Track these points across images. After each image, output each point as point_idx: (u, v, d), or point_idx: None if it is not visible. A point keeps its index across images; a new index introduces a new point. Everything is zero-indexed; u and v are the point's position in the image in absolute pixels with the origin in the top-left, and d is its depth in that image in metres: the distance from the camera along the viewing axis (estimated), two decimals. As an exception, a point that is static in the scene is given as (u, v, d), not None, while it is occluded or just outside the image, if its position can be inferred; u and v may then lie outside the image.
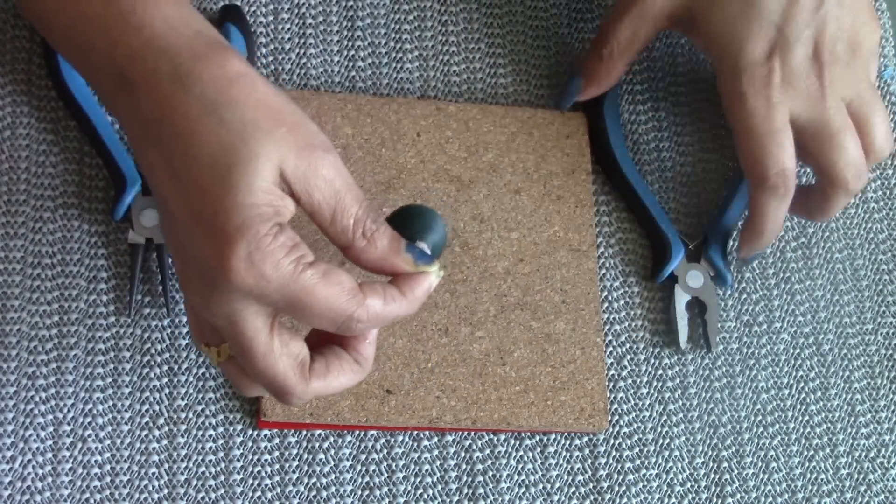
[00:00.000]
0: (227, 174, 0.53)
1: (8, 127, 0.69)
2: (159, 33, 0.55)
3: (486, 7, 0.78)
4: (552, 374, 0.71)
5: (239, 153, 0.53)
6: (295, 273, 0.54)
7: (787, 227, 0.79)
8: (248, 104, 0.54)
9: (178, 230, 0.55)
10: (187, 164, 0.54)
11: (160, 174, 0.55)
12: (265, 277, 0.53)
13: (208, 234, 0.53)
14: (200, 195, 0.54)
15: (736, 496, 0.73)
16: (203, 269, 0.54)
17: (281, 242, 0.53)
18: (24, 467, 0.65)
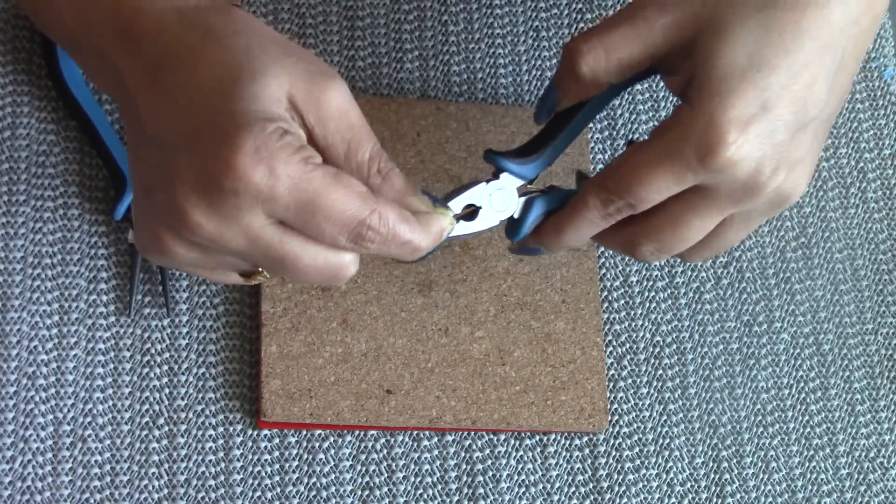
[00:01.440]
0: (232, 85, 0.50)
1: (8, 127, 0.69)
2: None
3: (486, 7, 0.78)
4: (552, 374, 0.71)
5: (245, 69, 0.51)
6: (305, 171, 0.50)
7: (787, 227, 0.79)
8: (256, 33, 0.52)
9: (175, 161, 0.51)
10: (192, 90, 0.51)
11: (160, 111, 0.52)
12: (274, 174, 0.50)
13: (211, 140, 0.50)
14: (203, 111, 0.51)
15: (736, 496, 0.73)
16: (206, 182, 0.50)
17: (287, 141, 0.50)
18: (24, 467, 0.65)
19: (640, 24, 0.57)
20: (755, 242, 0.78)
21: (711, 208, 0.57)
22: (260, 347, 0.68)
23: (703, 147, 0.54)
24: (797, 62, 0.55)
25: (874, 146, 0.82)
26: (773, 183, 0.56)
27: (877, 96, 0.83)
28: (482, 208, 0.59)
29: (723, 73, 0.54)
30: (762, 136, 0.54)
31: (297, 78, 0.51)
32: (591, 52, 0.57)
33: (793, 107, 0.55)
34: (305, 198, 0.50)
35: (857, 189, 0.81)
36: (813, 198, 0.80)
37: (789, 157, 0.56)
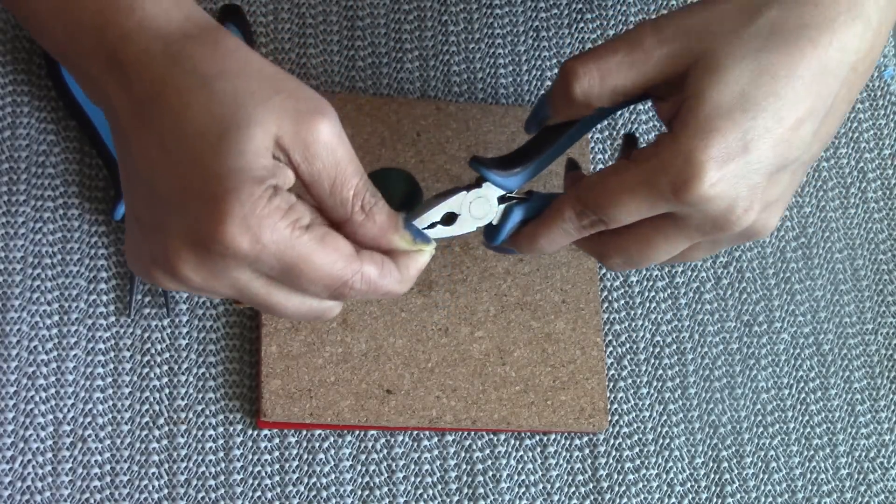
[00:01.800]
0: (219, 140, 0.51)
1: (8, 127, 0.69)
2: (150, 15, 0.54)
3: (486, 7, 0.78)
4: (552, 373, 0.71)
5: (231, 120, 0.51)
6: (292, 237, 0.52)
7: (787, 227, 0.79)
8: (242, 75, 0.53)
9: (165, 209, 0.53)
10: (179, 136, 0.52)
11: (150, 154, 0.53)
12: (261, 241, 0.51)
13: (200, 201, 0.51)
14: (191, 165, 0.52)
15: (736, 496, 0.73)
16: (195, 239, 0.52)
17: (276, 205, 0.51)
18: (24, 467, 0.65)
19: (638, 52, 0.57)
20: (755, 242, 0.78)
21: (679, 236, 0.58)
22: (260, 347, 0.68)
23: (679, 181, 0.54)
24: (785, 105, 0.55)
25: (874, 146, 0.82)
26: (744, 221, 0.56)
27: (877, 96, 0.83)
28: (460, 215, 0.60)
29: (709, 111, 0.54)
30: (739, 176, 0.55)
31: (285, 119, 0.52)
32: (587, 75, 0.58)
33: (775, 149, 0.55)
34: (290, 262, 0.52)
35: (857, 189, 0.81)
36: (813, 198, 0.80)
37: (764, 198, 0.56)
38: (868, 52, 0.57)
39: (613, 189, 0.57)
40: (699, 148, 0.54)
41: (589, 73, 0.58)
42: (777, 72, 0.55)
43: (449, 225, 0.60)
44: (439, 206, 0.59)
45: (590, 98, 0.58)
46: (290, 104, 0.53)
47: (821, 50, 0.55)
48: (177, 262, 0.53)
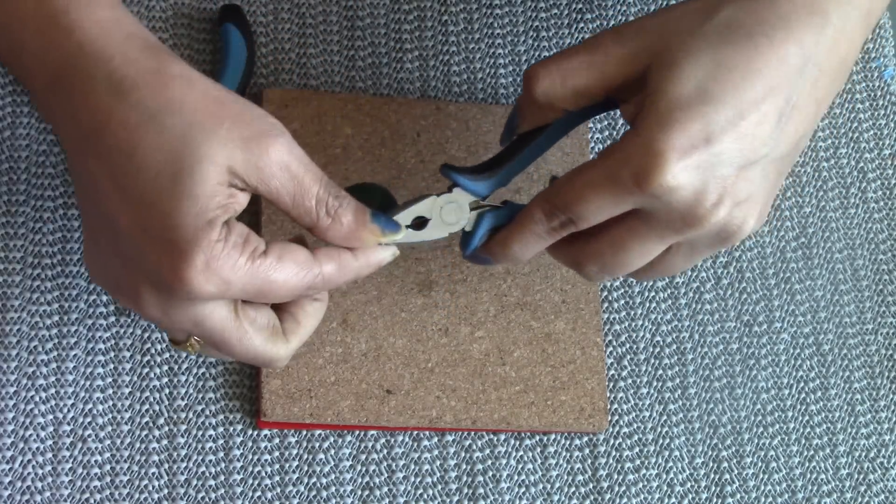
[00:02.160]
0: (172, 184, 0.52)
1: (8, 127, 0.69)
2: (92, 36, 0.54)
3: (486, 7, 0.78)
4: (552, 374, 0.71)
5: (181, 160, 0.52)
6: (253, 268, 0.54)
7: (787, 226, 0.79)
8: (187, 106, 0.53)
9: (125, 245, 0.54)
10: (131, 175, 0.53)
11: (103, 185, 0.54)
12: (226, 281, 0.53)
13: (161, 247, 0.53)
14: (148, 208, 0.53)
15: (736, 496, 0.73)
16: (158, 283, 0.54)
17: (233, 243, 0.53)
18: (24, 467, 0.65)
19: (598, 53, 0.58)
20: (755, 242, 0.78)
21: (650, 235, 0.58)
22: (260, 347, 0.68)
23: (640, 171, 0.54)
24: (745, 99, 0.55)
25: (874, 146, 0.82)
26: (714, 216, 0.56)
27: (877, 96, 0.83)
28: (431, 220, 0.60)
29: (669, 104, 0.55)
30: (703, 167, 0.54)
31: (233, 148, 0.53)
32: (548, 77, 0.58)
33: (738, 143, 0.55)
34: (256, 288, 0.55)
35: (857, 189, 0.81)
36: (813, 198, 0.80)
37: (734, 193, 0.56)
38: (831, 49, 0.57)
39: (579, 186, 0.57)
40: (659, 138, 0.54)
41: (549, 74, 0.59)
42: (734, 66, 0.55)
43: (420, 230, 0.60)
44: (408, 210, 0.60)
45: (551, 98, 0.59)
46: (236, 132, 0.53)
47: (777, 45, 0.55)
48: (139, 299, 0.55)
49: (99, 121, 0.53)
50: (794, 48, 0.55)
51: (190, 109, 0.53)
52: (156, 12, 0.73)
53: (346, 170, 0.71)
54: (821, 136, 0.81)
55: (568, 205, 0.57)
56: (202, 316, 0.55)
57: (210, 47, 0.73)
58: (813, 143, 0.81)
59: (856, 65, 0.83)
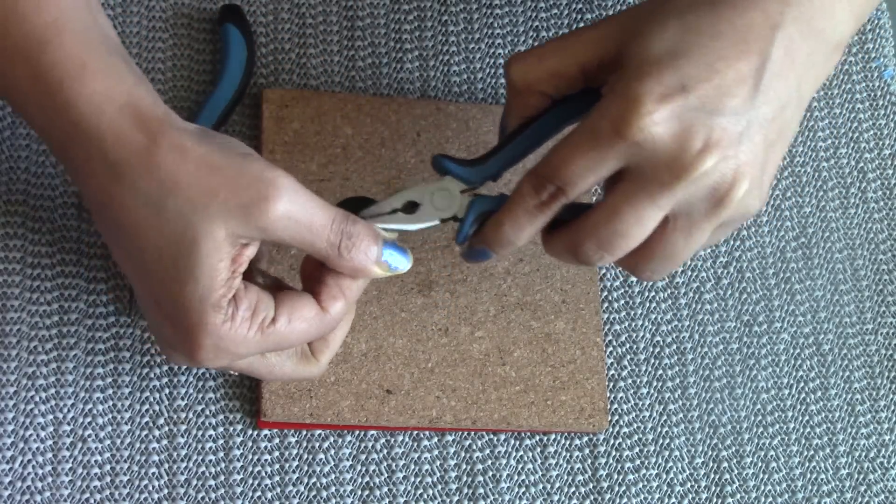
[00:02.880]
0: (174, 267, 0.54)
1: (8, 127, 0.69)
2: (85, 114, 0.55)
3: (486, 7, 0.78)
4: (552, 374, 0.71)
5: (181, 242, 0.54)
6: (263, 337, 0.57)
7: (787, 226, 0.79)
8: (181, 183, 0.54)
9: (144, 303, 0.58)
10: (136, 254, 0.55)
11: (116, 251, 0.57)
12: (237, 355, 0.57)
13: (172, 325, 0.56)
14: (157, 286, 0.56)
15: (736, 496, 0.73)
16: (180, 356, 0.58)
17: (241, 318, 0.56)
18: (24, 467, 0.65)
19: (571, 38, 0.60)
20: (755, 242, 0.78)
21: (640, 194, 0.56)
22: (260, 347, 0.68)
23: (618, 119, 0.54)
24: (717, 58, 0.55)
25: (874, 146, 0.82)
26: (701, 163, 0.55)
27: (877, 96, 0.83)
28: (422, 205, 0.61)
29: (642, 61, 0.55)
30: (682, 112, 0.54)
31: (231, 219, 0.54)
32: (523, 60, 0.60)
33: (714, 91, 0.55)
34: (270, 349, 0.59)
35: (857, 189, 0.81)
36: (813, 198, 0.80)
37: (721, 143, 0.55)
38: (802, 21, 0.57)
39: (563, 151, 0.57)
40: (634, 86, 0.54)
41: (524, 58, 0.60)
42: (701, 29, 0.56)
43: (410, 213, 0.61)
44: (400, 194, 0.61)
45: (528, 81, 0.60)
46: (233, 201, 0.54)
47: (740, 11, 0.56)
48: (167, 354, 0.60)
49: (102, 200, 0.55)
50: (757, 14, 0.56)
51: (184, 186, 0.54)
52: (156, 12, 0.73)
53: (346, 170, 0.71)
54: (821, 136, 0.81)
55: (554, 171, 0.57)
56: (227, 364, 0.59)
57: (210, 47, 0.73)
58: (813, 143, 0.81)
59: (856, 65, 0.83)
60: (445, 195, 0.61)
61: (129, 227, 0.55)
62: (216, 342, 0.56)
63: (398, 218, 0.60)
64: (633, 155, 0.55)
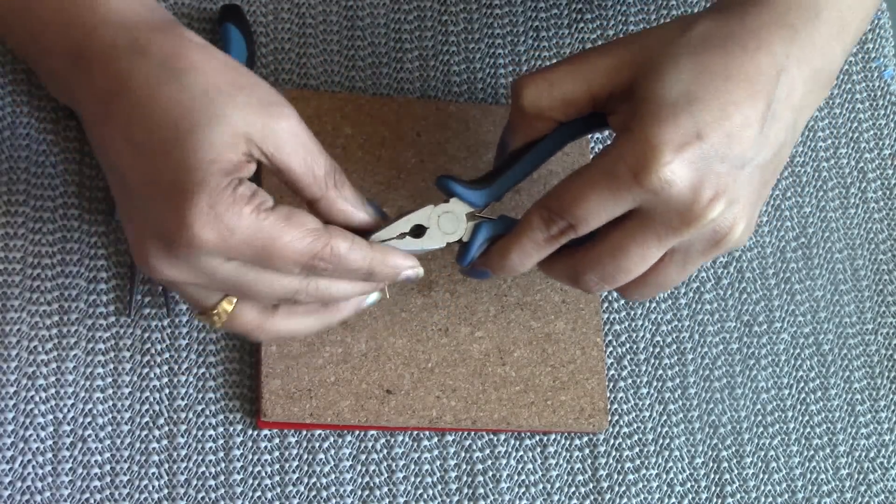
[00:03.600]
0: (189, 133, 0.53)
1: (8, 127, 0.69)
2: (115, 8, 0.56)
3: (486, 7, 0.78)
4: (552, 374, 0.71)
5: (201, 114, 0.54)
6: (258, 220, 0.54)
7: (787, 226, 0.79)
8: (208, 70, 0.55)
9: (135, 202, 0.55)
10: (148, 129, 0.54)
11: (118, 146, 0.55)
12: (228, 228, 0.53)
13: (168, 194, 0.54)
14: (162, 157, 0.54)
15: (736, 496, 0.73)
16: (162, 233, 0.54)
17: (241, 193, 0.54)
18: (24, 467, 0.65)
19: (583, 64, 0.60)
20: (755, 242, 0.78)
21: (649, 236, 0.58)
22: (260, 347, 0.68)
23: (638, 165, 0.56)
24: (728, 101, 0.57)
25: (874, 146, 0.82)
26: (710, 212, 0.57)
27: (877, 96, 0.83)
28: (429, 228, 0.61)
29: (659, 103, 0.56)
30: (697, 161, 0.56)
31: (251, 114, 0.54)
32: (535, 86, 0.60)
33: (726, 140, 0.57)
34: (260, 244, 0.54)
35: (857, 189, 0.81)
36: (813, 198, 0.80)
37: (728, 190, 0.57)
38: (802, 60, 0.59)
39: (576, 188, 0.58)
40: (654, 133, 0.56)
41: (536, 83, 0.60)
42: (714, 71, 0.57)
43: (418, 237, 0.61)
44: (406, 218, 0.61)
45: (540, 108, 0.60)
46: (254, 99, 0.55)
47: (750, 54, 0.58)
48: (147, 256, 0.55)
49: (120, 84, 0.55)
50: (766, 57, 0.58)
51: (211, 73, 0.54)
52: (156, 12, 0.73)
53: (346, 170, 0.71)
54: (821, 136, 0.81)
55: (567, 208, 0.58)
56: (212, 269, 0.55)
57: (210, 47, 0.73)
58: (813, 143, 0.81)
59: (856, 65, 0.83)
60: (451, 218, 0.62)
61: (145, 100, 0.54)
62: (212, 204, 0.53)
63: (406, 242, 0.61)
64: (647, 200, 0.57)
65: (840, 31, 0.61)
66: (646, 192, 0.56)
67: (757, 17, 0.59)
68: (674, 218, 0.57)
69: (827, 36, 0.60)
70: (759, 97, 0.57)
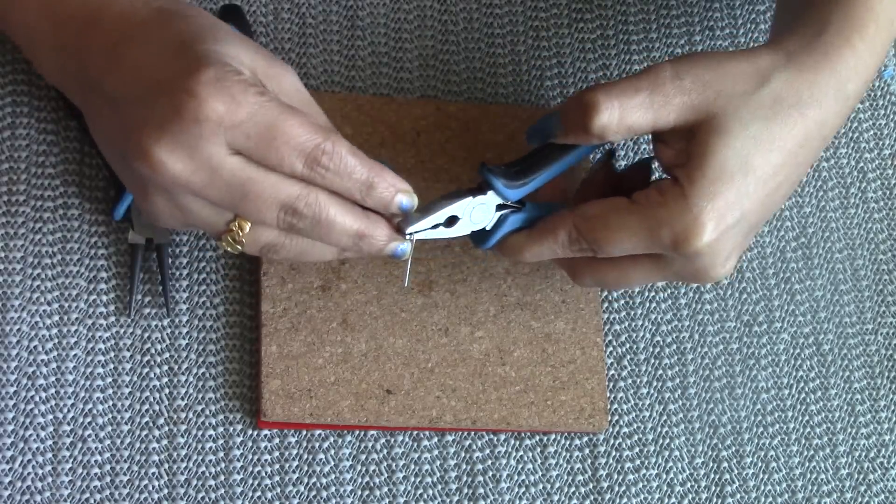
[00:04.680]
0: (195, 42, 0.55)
1: (8, 127, 0.69)
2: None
3: (486, 7, 0.78)
4: (552, 374, 0.71)
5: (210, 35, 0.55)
6: (264, 100, 0.54)
7: (787, 226, 0.79)
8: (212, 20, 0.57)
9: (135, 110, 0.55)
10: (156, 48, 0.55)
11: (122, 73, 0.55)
12: (235, 100, 0.53)
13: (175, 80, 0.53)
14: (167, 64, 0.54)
15: (736, 496, 0.73)
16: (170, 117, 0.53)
17: (245, 77, 0.54)
18: (24, 467, 0.65)
19: (658, 96, 0.60)
20: (755, 242, 0.78)
21: (657, 275, 0.62)
22: (260, 347, 0.68)
23: (682, 236, 0.59)
24: (771, 172, 0.59)
25: (874, 146, 0.82)
26: (720, 273, 0.61)
27: (877, 96, 0.83)
28: (461, 219, 0.62)
29: (717, 173, 0.58)
30: (730, 237, 0.59)
31: (258, 58, 0.57)
32: (608, 111, 0.59)
33: (759, 213, 0.60)
34: (265, 123, 0.54)
35: (857, 189, 0.81)
36: (813, 198, 0.80)
37: (737, 250, 0.61)
38: (842, 121, 0.62)
39: (614, 227, 0.60)
40: (706, 209, 0.58)
41: (611, 108, 0.59)
42: (773, 142, 0.59)
43: (449, 227, 0.62)
44: (446, 209, 0.62)
45: (606, 133, 0.60)
46: (261, 51, 0.57)
47: (809, 123, 0.60)
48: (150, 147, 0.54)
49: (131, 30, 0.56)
50: (816, 127, 0.60)
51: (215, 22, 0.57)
52: (156, 12, 0.73)
53: (346, 170, 0.71)
54: (821, 136, 0.81)
55: (597, 241, 0.60)
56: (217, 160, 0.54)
57: (210, 47, 0.73)
58: (813, 143, 0.81)
59: (856, 65, 0.83)
60: (483, 209, 0.63)
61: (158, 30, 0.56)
62: (219, 76, 0.53)
63: (438, 232, 0.62)
64: (674, 257, 0.60)
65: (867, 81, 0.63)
66: (677, 255, 0.59)
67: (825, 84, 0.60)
68: (689, 273, 0.61)
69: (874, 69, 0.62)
70: (798, 166, 0.61)
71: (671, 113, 0.59)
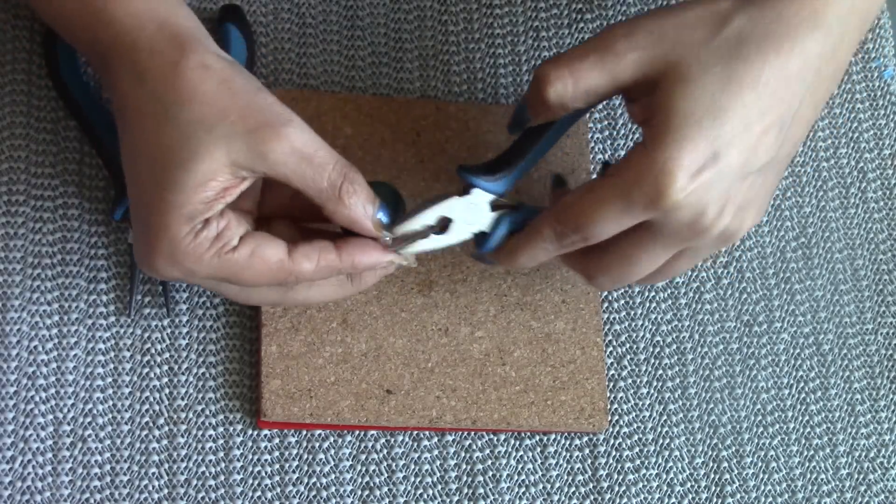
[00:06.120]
0: (163, 174, 0.55)
1: (7, 127, 0.69)
2: (125, 29, 0.57)
3: (486, 7, 0.78)
4: (552, 374, 0.71)
5: (179, 153, 0.55)
6: (219, 261, 0.57)
7: (787, 226, 0.79)
8: (197, 98, 0.55)
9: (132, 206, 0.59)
10: (135, 157, 0.57)
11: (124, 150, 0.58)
12: (190, 271, 0.57)
13: (143, 227, 0.57)
14: (142, 190, 0.56)
15: (736, 496, 0.73)
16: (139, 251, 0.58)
17: (202, 238, 0.56)
18: (24, 467, 0.65)
19: (609, 56, 0.59)
20: (755, 242, 0.78)
21: (657, 246, 0.60)
22: (260, 347, 0.68)
23: (652, 191, 0.56)
24: (752, 113, 0.56)
25: (874, 146, 0.82)
26: (717, 226, 0.58)
27: (877, 96, 0.83)
28: (454, 221, 0.62)
29: (680, 121, 0.56)
30: (709, 183, 0.56)
31: (234, 142, 0.55)
32: (559, 79, 0.59)
33: (743, 154, 0.57)
34: (225, 277, 0.58)
35: (857, 189, 0.81)
36: (813, 198, 0.80)
37: (736, 201, 0.58)
38: (830, 57, 0.58)
39: (590, 206, 0.58)
40: (671, 159, 0.56)
41: (561, 77, 0.59)
42: (743, 80, 0.56)
43: (443, 232, 0.62)
44: (433, 209, 0.61)
45: (564, 101, 0.59)
46: (240, 126, 0.55)
47: (783, 57, 0.56)
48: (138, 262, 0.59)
49: (123, 104, 0.57)
50: (798, 60, 0.57)
51: (199, 102, 0.55)
52: (156, 12, 0.73)
53: (346, 170, 0.71)
54: (821, 136, 0.81)
55: (579, 225, 0.59)
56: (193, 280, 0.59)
57: (210, 47, 0.73)
58: (813, 143, 0.81)
59: (856, 65, 0.83)
60: (475, 209, 0.62)
61: (139, 129, 0.56)
62: (172, 251, 0.56)
63: (434, 240, 0.61)
64: (659, 217, 0.58)
65: (862, 22, 0.60)
66: (658, 213, 0.57)
67: (795, 15, 0.57)
68: (684, 231, 0.58)
69: (853, 30, 0.59)
70: (784, 102, 0.57)
71: (626, 69, 0.58)
